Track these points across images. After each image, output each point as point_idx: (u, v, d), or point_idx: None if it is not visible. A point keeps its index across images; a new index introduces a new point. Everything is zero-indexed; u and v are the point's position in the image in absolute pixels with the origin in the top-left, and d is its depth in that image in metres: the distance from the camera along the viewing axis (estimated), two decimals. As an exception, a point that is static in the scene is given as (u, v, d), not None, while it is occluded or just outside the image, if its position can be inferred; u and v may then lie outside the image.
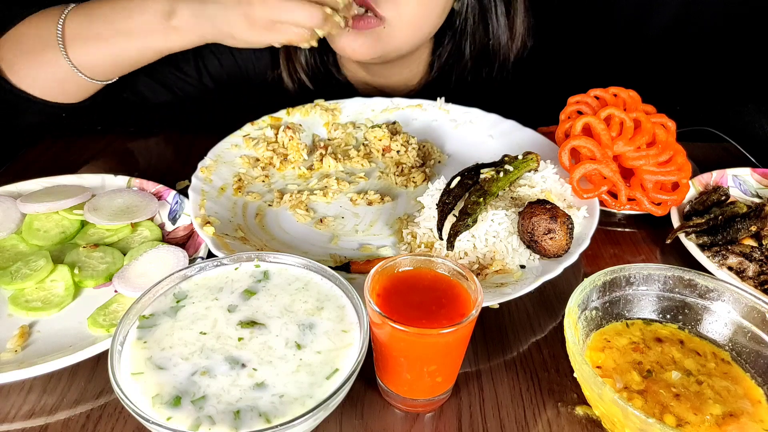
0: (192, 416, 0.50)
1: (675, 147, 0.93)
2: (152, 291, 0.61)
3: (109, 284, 0.76)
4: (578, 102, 1.01)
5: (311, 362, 0.56)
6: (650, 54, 1.65)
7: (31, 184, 0.93)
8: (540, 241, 0.76)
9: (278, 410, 0.51)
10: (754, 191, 1.02)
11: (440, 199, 0.84)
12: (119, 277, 0.75)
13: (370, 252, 0.85)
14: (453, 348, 0.59)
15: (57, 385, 0.66)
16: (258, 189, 0.98)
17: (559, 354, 0.71)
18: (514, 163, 0.88)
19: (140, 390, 0.52)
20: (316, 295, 0.63)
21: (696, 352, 0.66)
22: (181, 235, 0.86)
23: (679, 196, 0.93)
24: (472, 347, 0.72)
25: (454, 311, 0.58)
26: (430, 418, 0.63)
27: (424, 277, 0.62)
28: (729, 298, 0.67)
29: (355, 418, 0.63)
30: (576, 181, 0.90)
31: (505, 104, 1.14)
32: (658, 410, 0.59)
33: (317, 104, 1.14)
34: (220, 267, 0.66)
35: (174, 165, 1.03)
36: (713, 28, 1.61)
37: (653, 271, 0.69)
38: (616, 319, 0.69)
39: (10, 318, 0.72)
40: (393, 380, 0.62)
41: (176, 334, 0.58)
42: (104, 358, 0.67)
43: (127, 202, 0.89)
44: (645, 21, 1.65)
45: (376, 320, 0.57)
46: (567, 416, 0.64)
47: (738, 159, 1.13)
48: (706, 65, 1.62)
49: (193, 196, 0.88)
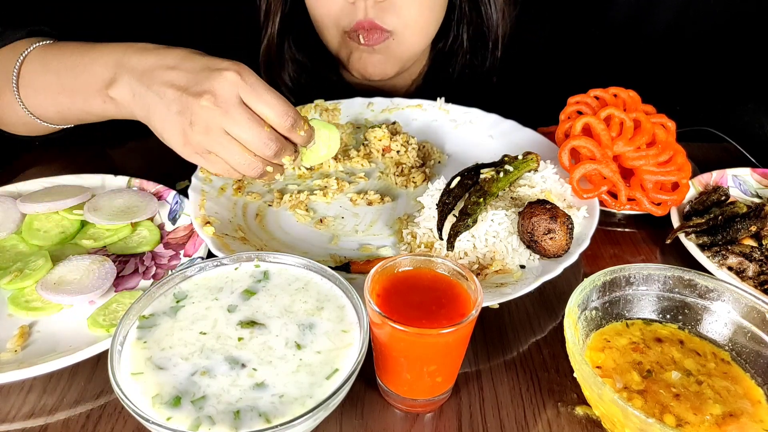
0: (192, 416, 0.50)
1: (675, 147, 0.93)
2: (152, 291, 0.61)
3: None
4: (578, 102, 1.01)
5: (311, 362, 0.56)
6: (650, 54, 1.65)
7: (31, 184, 0.93)
8: (540, 241, 0.76)
9: (278, 410, 0.51)
10: (754, 191, 1.02)
11: (440, 199, 0.84)
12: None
13: (370, 252, 0.85)
14: (453, 348, 0.59)
15: (57, 385, 0.66)
16: (258, 189, 0.98)
17: (559, 354, 0.71)
18: (514, 164, 0.88)
19: (140, 390, 0.52)
20: (316, 295, 0.63)
21: (696, 352, 0.66)
22: (181, 235, 0.86)
23: (679, 196, 0.93)
24: (472, 347, 0.72)
25: (454, 311, 0.58)
26: (430, 418, 0.63)
27: (424, 277, 0.62)
28: (729, 298, 0.67)
29: (355, 418, 0.63)
30: (576, 181, 0.90)
31: (505, 104, 1.14)
32: (657, 410, 0.59)
33: (317, 104, 1.14)
34: (220, 267, 0.66)
35: (174, 165, 1.02)
36: (713, 28, 1.61)
37: (653, 271, 0.69)
38: (616, 319, 0.69)
39: (10, 318, 0.72)
40: (393, 380, 0.62)
41: (176, 334, 0.58)
42: (104, 358, 0.67)
43: (127, 202, 0.89)
44: (645, 21, 1.65)
45: (376, 320, 0.57)
46: (567, 416, 0.64)
47: (738, 159, 1.13)
48: (706, 65, 1.62)
49: (193, 196, 0.88)
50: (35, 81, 0.90)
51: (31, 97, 0.91)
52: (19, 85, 0.91)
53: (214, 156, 0.79)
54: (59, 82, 0.88)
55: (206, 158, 0.80)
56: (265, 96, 0.76)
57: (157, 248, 0.85)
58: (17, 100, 0.91)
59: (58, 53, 0.90)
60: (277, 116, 0.77)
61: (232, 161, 0.79)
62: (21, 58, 0.90)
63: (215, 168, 0.81)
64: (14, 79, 0.90)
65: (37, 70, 0.90)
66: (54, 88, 0.89)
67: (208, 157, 0.79)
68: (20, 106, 0.92)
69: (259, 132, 0.77)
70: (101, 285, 0.73)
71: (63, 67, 0.88)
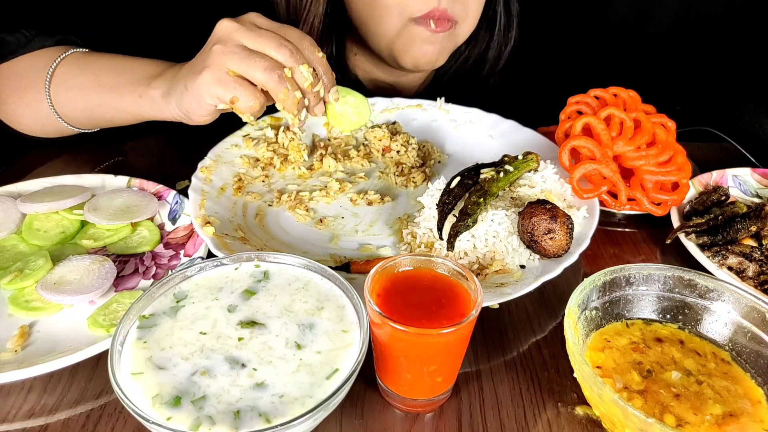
0: (192, 416, 0.50)
1: (675, 147, 0.93)
2: (152, 291, 0.61)
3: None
4: (578, 102, 1.01)
5: (311, 362, 0.56)
6: (650, 54, 1.65)
7: (31, 184, 0.93)
8: (540, 241, 0.76)
9: (278, 410, 0.51)
10: (754, 191, 1.02)
11: (440, 199, 0.84)
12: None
13: (370, 252, 0.85)
14: (453, 348, 0.59)
15: (57, 385, 0.66)
16: (258, 189, 0.98)
17: (559, 354, 0.71)
18: (514, 164, 0.88)
19: (140, 390, 0.52)
20: (316, 295, 0.63)
21: (696, 352, 0.66)
22: (181, 235, 0.86)
23: (679, 196, 0.93)
24: (472, 347, 0.72)
25: (454, 311, 0.58)
26: (430, 418, 0.63)
27: (424, 277, 0.62)
28: (729, 298, 0.67)
29: (355, 418, 0.63)
30: (576, 181, 0.90)
31: (505, 104, 1.14)
32: (658, 410, 0.59)
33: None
34: (220, 267, 0.66)
35: (174, 165, 1.03)
36: (713, 28, 1.61)
37: (653, 271, 0.69)
38: (616, 319, 0.69)
39: (10, 318, 0.72)
40: (393, 380, 0.62)
41: (176, 334, 0.58)
42: (104, 358, 0.67)
43: (127, 202, 0.89)
44: (645, 21, 1.65)
45: (376, 320, 0.57)
46: (567, 416, 0.64)
47: (738, 159, 1.13)
48: (706, 65, 1.62)
49: (193, 196, 0.88)
50: (70, 80, 0.94)
51: (61, 94, 0.95)
52: (52, 82, 0.94)
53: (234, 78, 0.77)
54: (96, 80, 0.92)
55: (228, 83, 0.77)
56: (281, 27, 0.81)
57: (157, 248, 0.85)
58: (46, 97, 0.95)
59: (97, 58, 0.96)
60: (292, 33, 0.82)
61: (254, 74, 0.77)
62: (59, 59, 0.95)
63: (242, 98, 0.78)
64: (48, 76, 0.94)
65: (73, 71, 0.95)
66: (89, 85, 0.93)
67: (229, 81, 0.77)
68: (47, 104, 0.95)
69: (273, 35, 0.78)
70: (101, 285, 0.73)
71: (104, 68, 0.93)
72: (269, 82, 0.77)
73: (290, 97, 0.79)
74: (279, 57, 0.78)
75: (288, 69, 0.78)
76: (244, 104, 0.78)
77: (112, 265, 0.77)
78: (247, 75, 0.77)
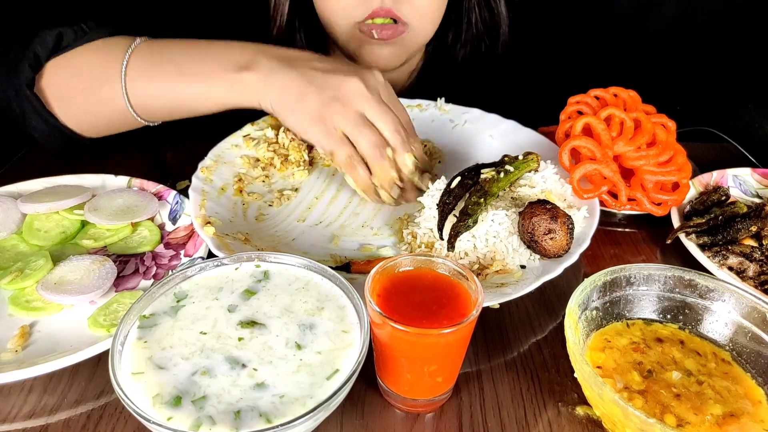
0: (192, 416, 0.50)
1: (675, 147, 0.93)
2: (153, 291, 0.61)
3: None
4: (578, 102, 1.01)
5: (312, 362, 0.56)
6: (650, 54, 1.65)
7: (32, 184, 0.93)
8: (540, 241, 0.76)
9: (279, 410, 0.51)
10: (755, 191, 1.02)
11: (440, 200, 0.84)
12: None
13: (370, 252, 0.85)
14: (453, 348, 0.59)
15: (57, 385, 0.66)
16: (258, 189, 0.98)
17: (559, 354, 0.71)
18: (514, 164, 0.88)
19: (141, 390, 0.52)
20: (316, 296, 0.63)
21: (696, 352, 0.66)
22: (182, 235, 0.86)
23: (680, 196, 0.93)
24: (472, 347, 0.72)
25: (455, 311, 0.58)
26: (431, 418, 0.63)
27: (425, 277, 0.62)
28: (729, 298, 0.67)
29: (356, 419, 0.63)
30: (576, 181, 0.90)
31: (505, 104, 1.14)
32: (658, 410, 0.59)
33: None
34: (220, 267, 0.66)
35: (174, 165, 1.03)
36: (713, 28, 1.62)
37: (653, 271, 0.69)
38: (616, 319, 0.69)
39: (11, 318, 0.72)
40: (393, 380, 0.62)
41: (176, 333, 0.58)
42: (105, 358, 0.67)
43: (128, 202, 0.89)
44: (645, 21, 1.65)
45: (376, 320, 0.57)
46: (567, 416, 0.64)
47: (738, 159, 1.13)
48: (707, 65, 1.62)
49: (194, 196, 0.88)
50: (148, 71, 0.90)
51: (139, 88, 0.90)
52: (128, 75, 0.90)
53: (341, 137, 0.82)
54: (178, 70, 0.89)
55: (334, 139, 0.82)
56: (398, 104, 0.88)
57: (158, 248, 0.85)
58: (122, 91, 0.90)
59: (170, 46, 0.92)
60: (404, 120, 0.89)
61: (362, 143, 0.82)
62: (131, 49, 0.91)
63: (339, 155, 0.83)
64: (123, 68, 0.90)
65: (148, 61, 0.90)
66: (170, 76, 0.89)
67: (335, 138, 0.82)
68: (123, 98, 0.90)
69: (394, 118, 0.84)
70: (102, 285, 0.73)
71: (183, 56, 0.90)
72: (371, 156, 0.83)
73: (386, 175, 0.85)
74: (390, 140, 0.84)
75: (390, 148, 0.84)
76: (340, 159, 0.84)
77: (113, 265, 0.77)
78: (353, 141, 0.83)
